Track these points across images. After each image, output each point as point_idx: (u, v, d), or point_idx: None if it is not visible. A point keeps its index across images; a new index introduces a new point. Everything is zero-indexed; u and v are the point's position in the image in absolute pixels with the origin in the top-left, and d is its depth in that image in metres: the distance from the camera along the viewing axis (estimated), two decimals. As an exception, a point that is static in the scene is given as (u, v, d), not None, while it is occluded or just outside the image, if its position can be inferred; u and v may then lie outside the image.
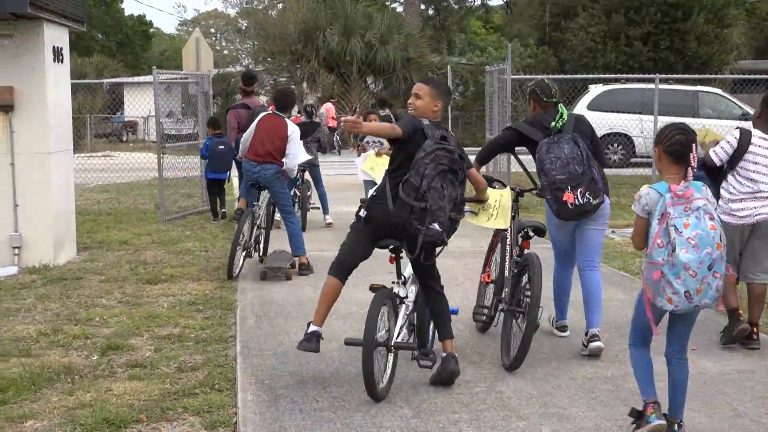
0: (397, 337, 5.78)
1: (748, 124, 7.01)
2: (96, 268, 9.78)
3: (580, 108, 22.12)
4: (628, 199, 14.17)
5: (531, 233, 6.67)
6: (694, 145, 4.75)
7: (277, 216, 10.57)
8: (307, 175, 12.93)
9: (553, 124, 6.57)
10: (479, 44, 43.83)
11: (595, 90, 22.54)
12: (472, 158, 6.26)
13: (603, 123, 20.14)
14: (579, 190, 6.31)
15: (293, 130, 9.48)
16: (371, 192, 6.05)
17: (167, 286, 8.95)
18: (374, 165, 11.16)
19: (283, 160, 9.39)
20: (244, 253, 9.54)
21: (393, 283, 5.98)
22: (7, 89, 9.61)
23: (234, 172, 13.29)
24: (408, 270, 6.06)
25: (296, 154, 9.50)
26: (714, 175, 6.76)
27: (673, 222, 4.60)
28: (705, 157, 6.69)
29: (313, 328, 5.88)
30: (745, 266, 6.85)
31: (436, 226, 5.49)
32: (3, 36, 9.62)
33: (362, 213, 5.85)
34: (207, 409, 5.46)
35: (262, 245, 10.00)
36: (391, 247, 5.83)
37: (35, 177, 9.81)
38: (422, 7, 47.83)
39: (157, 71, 14.21)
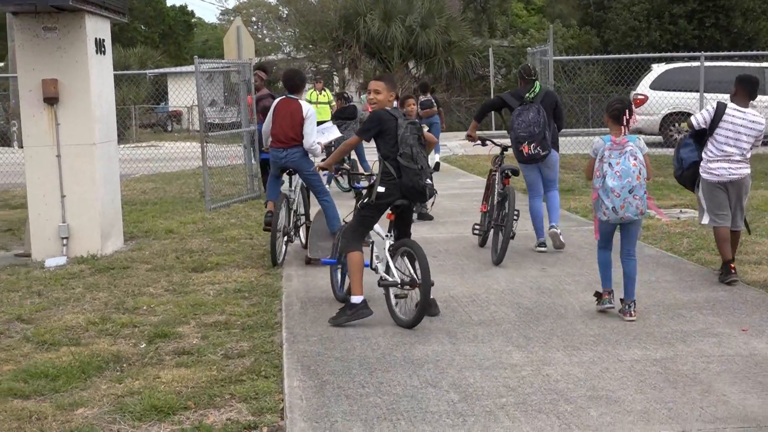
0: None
1: None
2: (143, 257, 9.87)
3: (643, 87, 21.82)
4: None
5: (510, 173, 9.35)
6: (627, 110, 6.86)
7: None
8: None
9: (527, 95, 9.38)
10: (521, 26, 43.54)
11: (657, 69, 22.11)
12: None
13: (666, 102, 19.74)
14: (533, 144, 9.20)
15: (308, 110, 9.47)
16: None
17: (213, 274, 9.00)
18: None
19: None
20: (285, 239, 9.55)
21: (386, 236, 7.29)
22: (51, 82, 9.71)
23: None
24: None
25: (310, 133, 9.42)
26: (700, 140, 8.20)
27: (608, 161, 6.81)
28: (688, 124, 8.32)
29: (360, 297, 6.96)
30: None
31: (428, 180, 7.00)
32: (47, 29, 9.72)
33: (381, 189, 6.97)
34: (254, 396, 5.49)
35: (303, 235, 10.00)
36: (398, 205, 7.08)
37: (81, 168, 9.91)
38: (463, -11, 47.46)
39: (199, 61, 14.26)
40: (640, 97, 21.62)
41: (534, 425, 4.90)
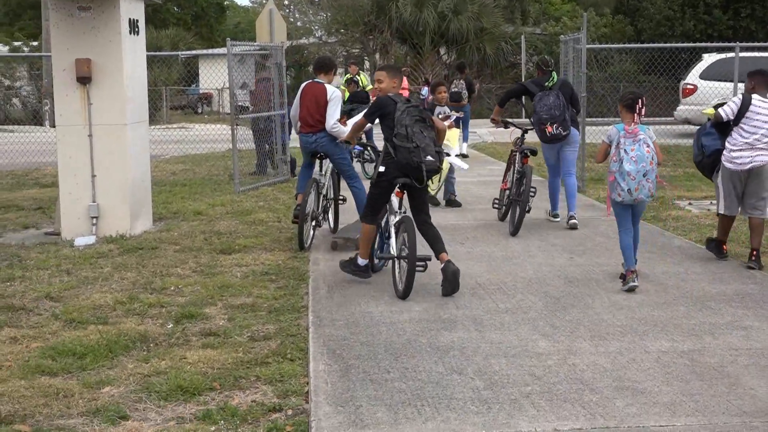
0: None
1: None
2: (171, 238, 9.92)
3: (692, 77, 21.55)
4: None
5: (528, 153, 10.22)
6: (640, 100, 7.50)
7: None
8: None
9: (546, 83, 10.35)
10: (554, 14, 43.22)
11: (708, 59, 21.75)
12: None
13: (716, 93, 19.41)
14: (554, 125, 10.09)
15: (332, 92, 9.51)
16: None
17: (240, 256, 9.03)
18: (448, 137, 11.20)
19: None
20: (313, 223, 9.56)
21: (394, 214, 7.74)
22: (84, 61, 9.76)
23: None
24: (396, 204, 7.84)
25: (332, 114, 9.46)
26: (722, 130, 8.52)
27: (624, 147, 7.46)
28: (715, 116, 8.53)
29: (364, 261, 7.82)
30: (745, 204, 8.54)
31: (429, 157, 7.39)
32: (81, 8, 9.76)
33: (381, 169, 7.55)
34: (279, 378, 5.51)
35: (332, 218, 10.00)
36: (401, 183, 7.53)
37: (112, 148, 9.96)
38: (496, -24, 47.14)
39: (231, 43, 14.29)
40: (689, 87, 21.35)
41: (559, 414, 4.89)
